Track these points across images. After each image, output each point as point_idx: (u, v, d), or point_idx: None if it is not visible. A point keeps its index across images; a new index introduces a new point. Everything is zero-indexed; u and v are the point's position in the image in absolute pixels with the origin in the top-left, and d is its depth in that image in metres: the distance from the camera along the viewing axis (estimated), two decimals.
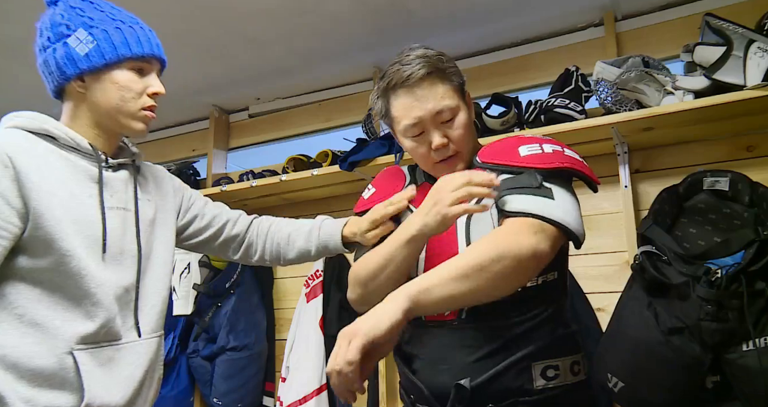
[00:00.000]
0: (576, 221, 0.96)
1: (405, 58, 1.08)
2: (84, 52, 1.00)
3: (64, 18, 1.02)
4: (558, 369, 1.00)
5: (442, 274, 0.87)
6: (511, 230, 0.92)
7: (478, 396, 0.96)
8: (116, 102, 1.04)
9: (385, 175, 1.25)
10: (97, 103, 1.03)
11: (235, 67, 2.34)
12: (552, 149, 1.02)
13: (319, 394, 2.03)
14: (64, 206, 0.96)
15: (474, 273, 0.86)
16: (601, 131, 1.68)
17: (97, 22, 1.02)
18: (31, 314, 0.93)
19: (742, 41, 1.50)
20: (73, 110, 1.05)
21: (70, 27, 1.01)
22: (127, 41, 1.03)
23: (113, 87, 1.03)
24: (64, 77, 1.02)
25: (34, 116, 1.02)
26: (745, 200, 1.38)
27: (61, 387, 0.94)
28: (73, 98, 1.05)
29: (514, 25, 2.06)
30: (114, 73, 1.03)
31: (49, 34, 1.03)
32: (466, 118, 1.09)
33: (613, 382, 1.33)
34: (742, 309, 1.17)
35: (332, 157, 2.14)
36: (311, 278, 2.22)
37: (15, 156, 0.93)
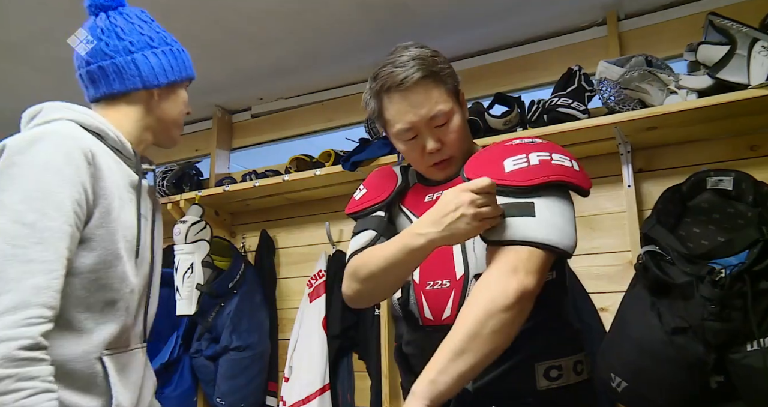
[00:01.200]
0: (562, 233, 0.93)
1: (398, 59, 1.04)
2: (170, 66, 1.10)
3: (145, 32, 1.10)
4: (561, 369, 0.99)
5: (441, 361, 0.85)
6: (491, 276, 0.90)
7: (481, 398, 0.95)
8: (176, 116, 1.14)
9: (376, 176, 1.23)
10: (163, 114, 1.11)
11: (237, 67, 2.34)
12: (539, 158, 0.97)
13: (322, 394, 2.03)
14: (117, 209, 0.97)
15: (470, 345, 0.85)
16: (604, 130, 1.68)
17: (170, 41, 1.14)
18: (70, 315, 0.90)
19: (746, 40, 1.49)
20: (130, 115, 1.08)
21: (154, 40, 1.10)
22: (190, 63, 1.18)
23: (179, 102, 1.14)
24: (155, 82, 1.08)
25: (88, 112, 1.03)
26: (749, 199, 1.38)
27: (89, 390, 0.92)
28: (137, 105, 1.08)
29: (516, 24, 2.06)
30: (181, 90, 1.15)
31: (131, 40, 1.07)
32: (460, 121, 1.07)
33: (617, 382, 1.32)
34: (746, 308, 1.17)
35: (335, 157, 2.14)
36: (314, 278, 2.22)
37: (95, 152, 0.94)
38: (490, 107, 1.90)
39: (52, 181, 0.86)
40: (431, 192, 1.13)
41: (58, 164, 0.88)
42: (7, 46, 2.10)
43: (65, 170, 0.88)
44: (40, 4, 1.86)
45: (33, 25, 1.98)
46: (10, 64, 2.24)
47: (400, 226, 1.15)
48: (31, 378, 0.78)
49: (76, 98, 1.03)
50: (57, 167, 0.88)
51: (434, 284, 1.04)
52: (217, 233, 2.43)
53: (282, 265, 2.49)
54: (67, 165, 0.88)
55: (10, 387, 0.76)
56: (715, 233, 1.42)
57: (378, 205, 1.15)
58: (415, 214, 1.13)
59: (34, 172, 0.86)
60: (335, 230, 2.34)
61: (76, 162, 0.90)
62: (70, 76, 2.59)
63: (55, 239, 0.84)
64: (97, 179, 0.93)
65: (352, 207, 1.20)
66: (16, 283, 0.79)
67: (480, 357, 0.85)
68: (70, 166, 0.89)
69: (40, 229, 0.83)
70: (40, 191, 0.85)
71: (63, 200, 0.86)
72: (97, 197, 0.93)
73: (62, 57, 2.15)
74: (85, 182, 0.90)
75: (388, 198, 1.15)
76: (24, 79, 2.37)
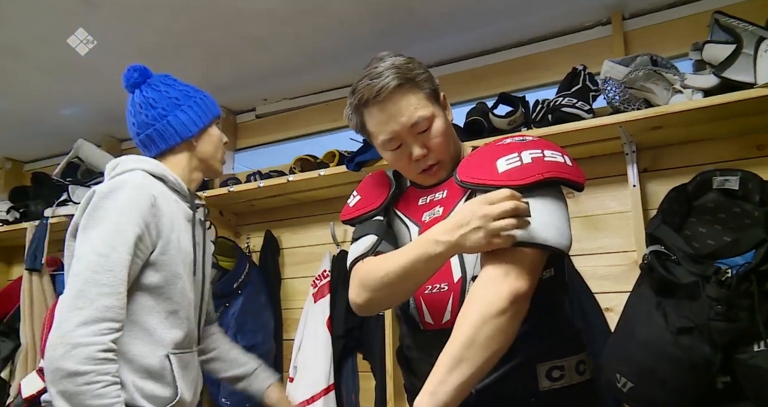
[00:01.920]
0: (557, 232, 0.92)
1: (373, 70, 1.05)
2: (197, 115, 1.35)
3: (171, 94, 1.34)
4: (563, 369, 0.99)
5: (440, 371, 0.84)
6: (484, 281, 0.89)
7: (483, 399, 0.95)
8: (214, 151, 1.39)
9: (369, 181, 1.22)
10: (204, 153, 1.37)
11: (241, 67, 2.35)
12: (531, 156, 0.96)
13: (326, 394, 2.03)
14: (176, 239, 1.22)
15: (467, 353, 0.84)
16: (609, 130, 1.67)
17: (192, 94, 1.38)
18: (143, 321, 1.17)
19: (752, 39, 1.49)
20: (180, 163, 1.35)
21: (179, 99, 1.34)
22: (213, 104, 1.41)
23: (214, 139, 1.39)
24: (188, 134, 1.33)
25: (154, 162, 1.30)
26: (756, 199, 1.37)
27: (161, 381, 1.17)
28: (182, 153, 1.35)
29: (520, 24, 2.06)
30: (212, 129, 1.39)
31: (162, 106, 1.33)
32: (442, 124, 1.07)
33: (622, 382, 1.32)
34: (752, 308, 1.16)
35: (339, 157, 2.14)
36: (318, 279, 2.22)
37: (157, 197, 1.20)
38: (494, 106, 1.90)
39: (122, 222, 1.13)
40: (424, 195, 1.13)
41: (128, 209, 1.14)
42: (11, 47, 2.12)
43: (133, 213, 1.14)
44: (44, 7, 1.86)
45: (37, 27, 1.99)
46: (14, 66, 2.25)
47: (397, 231, 1.14)
48: (105, 373, 1.03)
49: (76, 98, 1.05)
50: (127, 211, 1.14)
51: (432, 288, 1.04)
52: (222, 234, 2.44)
53: (286, 265, 2.50)
54: (135, 209, 1.14)
55: (92, 380, 1.01)
56: (721, 233, 1.41)
57: (372, 212, 1.14)
58: (410, 218, 1.12)
59: (111, 214, 1.13)
60: (340, 231, 2.34)
61: (142, 206, 1.16)
62: (72, 77, 2.62)
63: (120, 268, 1.09)
64: (158, 217, 1.19)
65: (346, 214, 1.20)
66: (92, 302, 1.05)
67: (479, 364, 0.84)
68: (137, 210, 1.15)
69: (111, 260, 1.09)
70: (114, 229, 1.11)
71: (129, 236, 1.12)
72: (159, 231, 1.19)
73: (65, 59, 2.16)
74: (149, 222, 1.16)
75: (382, 205, 1.14)
76: (28, 81, 2.39)
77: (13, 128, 2.88)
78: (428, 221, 1.08)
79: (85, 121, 2.82)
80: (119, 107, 2.70)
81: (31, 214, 2.79)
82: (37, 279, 2.61)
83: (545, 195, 0.95)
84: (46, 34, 2.02)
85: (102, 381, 1.02)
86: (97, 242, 1.10)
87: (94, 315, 1.04)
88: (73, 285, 1.08)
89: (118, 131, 3.05)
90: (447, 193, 1.08)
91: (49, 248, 2.61)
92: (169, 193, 1.28)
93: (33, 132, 2.95)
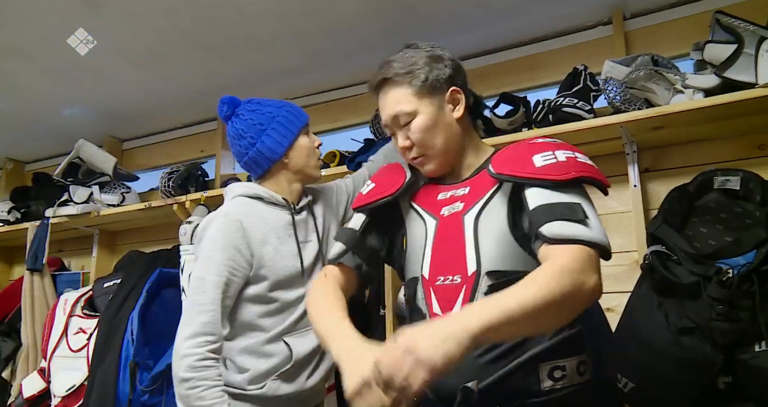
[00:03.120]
0: (605, 234, 0.97)
1: (387, 59, 1.15)
2: (281, 136, 1.43)
3: (255, 121, 1.43)
4: (565, 369, 0.99)
5: (513, 310, 0.79)
6: (574, 266, 0.88)
7: (486, 399, 0.95)
8: (305, 160, 1.46)
9: (385, 170, 1.26)
10: (296, 165, 1.45)
11: (243, 67, 2.35)
12: (565, 156, 1.01)
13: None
14: (274, 249, 1.37)
15: (546, 311, 0.82)
16: (610, 130, 1.67)
17: (275, 113, 1.45)
18: (254, 322, 1.36)
19: (754, 39, 1.49)
20: (277, 178, 1.46)
21: (263, 124, 1.43)
22: (291, 119, 1.46)
23: (303, 150, 1.46)
24: (276, 156, 1.43)
25: (250, 186, 1.46)
26: (757, 199, 1.37)
27: (278, 356, 1.36)
28: (277, 172, 1.46)
29: (521, 24, 2.06)
30: (299, 141, 1.46)
31: (250, 134, 1.43)
32: (425, 120, 1.10)
33: (623, 382, 1.32)
34: (754, 309, 1.16)
35: (340, 157, 2.14)
36: None
37: (243, 220, 1.34)
38: (495, 106, 1.90)
39: (213, 249, 1.30)
40: (446, 190, 1.14)
41: (218, 237, 1.31)
42: (12, 48, 2.12)
43: (222, 241, 1.30)
44: (46, 8, 1.87)
45: (38, 28, 1.99)
46: (15, 66, 2.25)
47: (411, 224, 1.16)
48: (204, 379, 1.21)
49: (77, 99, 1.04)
50: (218, 239, 1.31)
51: (445, 279, 1.04)
52: None
53: None
54: (224, 237, 1.31)
55: (194, 385, 1.20)
56: (723, 233, 1.41)
57: (386, 198, 1.17)
58: (428, 211, 1.13)
59: (207, 244, 1.32)
60: None
61: (230, 232, 1.32)
62: (73, 78, 2.62)
63: (212, 289, 1.27)
64: (248, 237, 1.33)
65: (359, 201, 1.22)
66: (192, 319, 1.25)
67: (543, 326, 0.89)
68: (226, 237, 1.31)
69: (205, 282, 1.27)
70: (207, 257, 1.30)
71: (219, 261, 1.29)
72: (252, 249, 1.33)
73: (67, 59, 2.17)
74: (238, 245, 1.32)
75: (397, 192, 1.16)
76: (29, 81, 2.39)
77: (14, 128, 2.88)
78: (447, 216, 1.09)
79: (86, 121, 2.83)
80: (120, 108, 2.74)
81: (32, 214, 2.79)
82: (39, 280, 2.61)
83: (585, 198, 1.00)
84: (47, 34, 2.02)
85: (202, 386, 1.20)
86: (197, 268, 1.31)
87: (194, 330, 1.23)
88: (184, 306, 1.32)
89: (119, 132, 3.05)
90: (470, 189, 1.10)
91: (50, 248, 2.61)
92: (265, 208, 1.42)
93: (34, 132, 2.95)
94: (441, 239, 1.07)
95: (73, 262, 3.08)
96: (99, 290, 2.37)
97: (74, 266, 3.06)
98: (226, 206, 1.42)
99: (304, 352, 1.39)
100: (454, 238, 1.05)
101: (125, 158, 3.12)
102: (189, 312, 1.27)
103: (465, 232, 1.04)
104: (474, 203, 1.07)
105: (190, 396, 1.20)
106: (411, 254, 1.13)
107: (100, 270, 2.78)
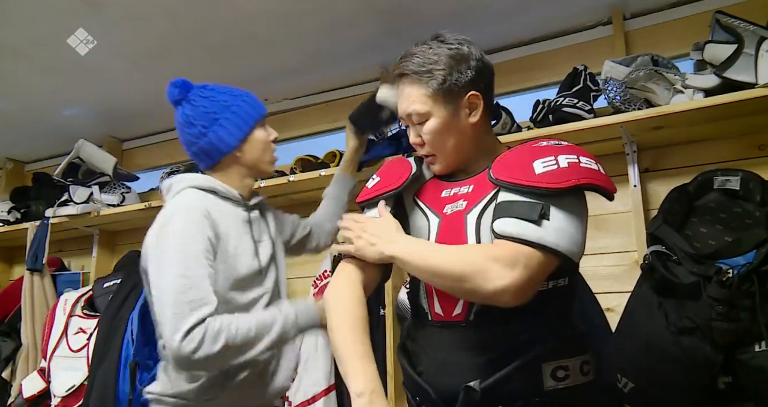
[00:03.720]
0: (570, 241, 0.93)
1: (413, 48, 1.11)
2: (236, 127, 1.35)
3: (208, 108, 1.35)
4: (568, 369, 0.99)
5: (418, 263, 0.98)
6: (497, 257, 0.90)
7: (488, 398, 0.95)
8: (259, 154, 1.39)
9: (390, 165, 1.24)
10: (249, 159, 1.38)
11: (242, 67, 2.35)
12: (567, 161, 0.98)
13: (327, 394, 2.03)
14: (235, 244, 1.29)
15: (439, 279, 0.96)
16: (610, 130, 1.67)
17: (230, 102, 1.37)
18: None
19: (754, 39, 1.49)
20: (229, 171, 1.38)
21: (216, 112, 1.34)
22: (247, 110, 1.38)
23: (257, 143, 1.39)
24: (228, 149, 1.35)
25: (201, 177, 1.37)
26: (757, 199, 1.37)
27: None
28: (228, 162, 1.38)
29: (521, 24, 2.06)
30: (254, 133, 1.38)
31: (201, 123, 1.34)
32: (437, 124, 1.08)
33: (623, 383, 1.32)
34: (754, 309, 1.16)
35: (340, 157, 2.14)
36: (319, 279, 2.22)
37: (209, 209, 1.27)
38: None
39: (186, 242, 1.20)
40: (449, 187, 1.13)
41: (189, 229, 1.22)
42: (13, 48, 2.12)
43: (194, 232, 1.22)
44: (46, 8, 1.87)
45: (38, 28, 1.99)
46: (15, 66, 2.25)
47: (415, 220, 1.15)
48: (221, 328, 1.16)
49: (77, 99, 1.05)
50: (189, 231, 1.21)
51: None
52: None
53: (287, 265, 2.49)
54: (195, 228, 1.22)
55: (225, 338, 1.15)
56: (723, 233, 1.41)
57: (390, 192, 1.15)
58: (431, 208, 1.12)
59: (177, 238, 1.21)
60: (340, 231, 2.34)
61: (200, 223, 1.23)
62: (73, 78, 2.62)
63: (203, 282, 1.18)
64: (215, 229, 1.26)
65: (364, 195, 1.20)
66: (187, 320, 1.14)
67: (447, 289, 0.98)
68: (198, 228, 1.22)
69: (191, 279, 1.17)
70: (183, 251, 1.19)
71: (198, 253, 1.20)
72: (218, 243, 1.26)
73: (67, 59, 2.17)
74: (210, 236, 1.24)
75: (402, 186, 1.15)
76: (29, 81, 2.39)
77: (14, 128, 2.88)
78: (450, 214, 1.08)
79: (86, 121, 2.83)
80: (120, 108, 2.73)
81: (32, 214, 2.79)
82: (39, 280, 2.61)
83: (571, 203, 0.97)
84: (47, 34, 2.02)
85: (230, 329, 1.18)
86: (172, 266, 1.18)
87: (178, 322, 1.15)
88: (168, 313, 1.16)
89: (119, 131, 3.05)
90: (473, 188, 1.09)
91: (50, 248, 2.61)
92: (221, 203, 1.34)
93: (34, 132, 2.96)
94: (443, 238, 1.07)
95: (73, 262, 3.08)
96: (99, 290, 2.37)
97: (74, 266, 3.06)
98: (184, 199, 1.30)
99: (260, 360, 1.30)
100: (456, 237, 1.05)
101: (125, 158, 3.12)
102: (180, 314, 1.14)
103: (467, 231, 1.04)
104: (477, 202, 1.06)
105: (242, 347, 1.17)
106: None
107: (100, 270, 2.78)
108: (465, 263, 0.91)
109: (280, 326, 1.24)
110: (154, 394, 1.29)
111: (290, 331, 1.27)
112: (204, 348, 1.13)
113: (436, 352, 1.03)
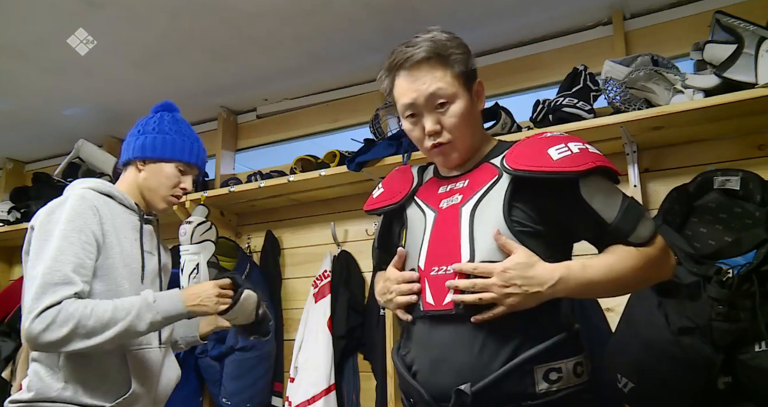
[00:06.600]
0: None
1: (414, 39, 1.09)
2: (154, 145, 1.42)
3: (156, 124, 1.45)
4: (561, 371, 0.98)
5: (605, 275, 0.99)
6: (660, 254, 1.02)
7: (480, 401, 0.94)
8: (154, 186, 1.43)
9: (394, 175, 1.27)
10: (144, 182, 1.43)
11: (242, 68, 2.35)
12: (577, 147, 1.03)
13: (327, 394, 2.03)
14: (120, 246, 1.32)
15: (628, 282, 1.02)
16: (610, 130, 1.67)
17: (167, 131, 1.45)
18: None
19: (754, 39, 1.49)
20: (129, 178, 1.45)
21: (155, 130, 1.44)
22: (181, 149, 1.44)
23: (160, 176, 1.43)
24: (135, 156, 1.43)
25: (101, 181, 1.40)
26: (757, 199, 1.37)
27: (111, 377, 1.29)
28: (132, 171, 1.45)
29: (521, 24, 2.06)
30: (163, 165, 1.43)
31: (140, 128, 1.46)
32: (462, 107, 1.08)
33: (623, 383, 1.32)
34: (754, 309, 1.16)
35: (340, 157, 2.14)
36: (319, 279, 2.22)
37: (98, 206, 1.30)
38: None
39: (69, 229, 1.23)
40: (446, 184, 1.14)
41: (75, 218, 1.24)
42: (15, 48, 2.12)
43: (80, 222, 1.24)
44: (46, 8, 1.87)
45: (38, 28, 1.99)
46: (16, 66, 2.25)
47: (410, 214, 1.17)
48: (76, 308, 1.16)
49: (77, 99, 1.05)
50: (75, 220, 1.24)
51: (438, 270, 1.05)
52: (223, 234, 2.43)
53: (287, 265, 2.50)
54: (81, 219, 1.25)
55: (77, 320, 1.14)
56: (722, 233, 1.41)
57: (391, 206, 1.20)
58: (428, 204, 1.14)
59: (61, 225, 1.23)
60: (340, 231, 2.34)
61: (88, 216, 1.26)
62: (73, 78, 2.62)
63: (68, 266, 1.19)
64: (102, 225, 1.29)
65: (369, 205, 1.25)
66: (41, 301, 1.15)
67: (618, 292, 1.08)
68: (84, 219, 1.25)
69: (60, 263, 1.18)
70: (64, 237, 1.21)
71: (77, 243, 1.22)
72: (103, 239, 1.28)
73: (67, 59, 2.16)
74: (95, 230, 1.26)
75: (401, 201, 1.19)
76: (29, 81, 2.39)
77: (14, 128, 2.88)
78: (445, 208, 1.10)
79: (86, 121, 2.83)
80: (120, 108, 2.73)
81: (32, 214, 2.77)
82: None
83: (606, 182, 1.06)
84: (47, 34, 2.02)
85: (86, 310, 1.16)
86: (48, 249, 1.20)
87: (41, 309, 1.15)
88: (28, 286, 1.18)
89: (118, 132, 3.04)
90: (469, 182, 1.11)
91: None
92: (116, 206, 1.37)
93: (34, 132, 2.95)
94: (438, 231, 1.07)
95: None
96: None
97: None
98: (79, 191, 1.32)
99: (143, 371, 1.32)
100: (450, 229, 1.05)
101: None
102: (39, 294, 1.15)
103: (461, 223, 1.04)
104: (471, 195, 1.07)
105: (92, 331, 1.14)
106: (410, 246, 1.13)
107: None
108: (648, 271, 1.02)
109: (137, 308, 1.21)
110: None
111: (146, 314, 1.21)
112: (52, 329, 1.13)
113: (430, 350, 1.03)
